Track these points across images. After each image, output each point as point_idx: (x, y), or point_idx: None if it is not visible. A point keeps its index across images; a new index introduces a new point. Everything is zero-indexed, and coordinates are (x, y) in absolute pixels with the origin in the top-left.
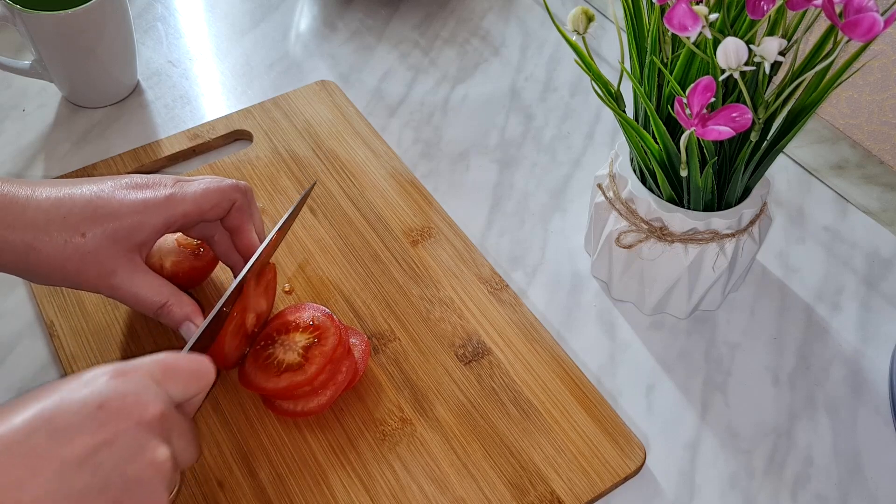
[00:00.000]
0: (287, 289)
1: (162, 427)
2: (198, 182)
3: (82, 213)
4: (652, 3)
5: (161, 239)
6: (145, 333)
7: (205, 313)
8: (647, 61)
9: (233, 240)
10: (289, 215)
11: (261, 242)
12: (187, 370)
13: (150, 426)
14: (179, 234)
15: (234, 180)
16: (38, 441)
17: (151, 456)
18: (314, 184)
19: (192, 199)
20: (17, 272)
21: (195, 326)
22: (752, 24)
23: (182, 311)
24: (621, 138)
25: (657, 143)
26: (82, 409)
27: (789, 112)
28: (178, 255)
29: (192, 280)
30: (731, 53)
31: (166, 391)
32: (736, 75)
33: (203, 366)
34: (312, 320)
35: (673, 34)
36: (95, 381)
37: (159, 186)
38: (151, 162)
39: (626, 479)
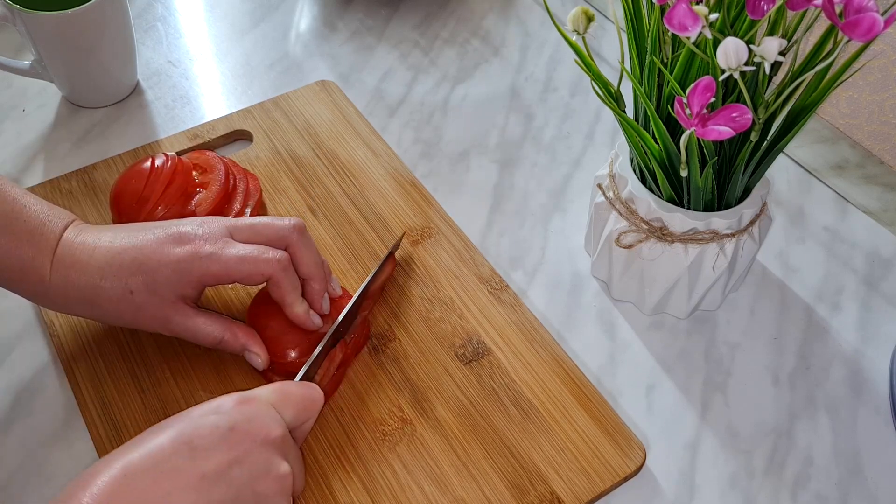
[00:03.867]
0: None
1: (283, 447)
2: (242, 247)
3: (129, 269)
4: (652, 3)
5: None
6: (145, 333)
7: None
8: (647, 61)
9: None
10: (377, 270)
11: (310, 296)
12: (299, 396)
13: (274, 445)
14: None
15: (280, 253)
16: (181, 459)
17: (276, 472)
18: (403, 234)
19: (225, 263)
20: (87, 314)
21: (254, 354)
22: (752, 24)
23: (237, 343)
24: (621, 138)
25: (657, 143)
26: (215, 430)
27: (789, 112)
28: None
29: None
30: (731, 53)
31: (282, 416)
32: (736, 75)
33: (313, 392)
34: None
35: (673, 34)
36: (223, 408)
37: (204, 242)
38: None
39: (626, 479)
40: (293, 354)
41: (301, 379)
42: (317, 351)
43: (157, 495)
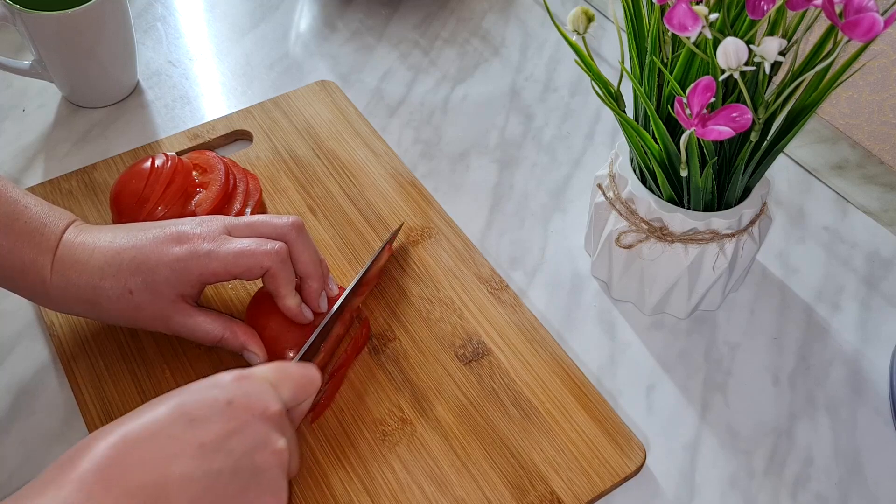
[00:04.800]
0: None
1: (280, 423)
2: (239, 242)
3: (128, 269)
4: (652, 3)
5: None
6: (145, 333)
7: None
8: (647, 61)
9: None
10: (374, 258)
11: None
12: (297, 375)
13: (272, 420)
14: None
15: (278, 244)
16: (180, 429)
17: (274, 446)
18: (401, 225)
19: (223, 260)
20: (87, 314)
21: (253, 354)
22: (752, 24)
23: (237, 342)
24: (621, 138)
25: (657, 143)
26: (214, 403)
27: (789, 112)
28: None
29: None
30: (731, 53)
31: (280, 394)
32: (736, 75)
33: (311, 372)
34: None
35: (673, 34)
36: (222, 382)
37: (202, 240)
38: None
39: (626, 479)
40: (291, 354)
41: (300, 360)
42: (315, 333)
43: (156, 462)
